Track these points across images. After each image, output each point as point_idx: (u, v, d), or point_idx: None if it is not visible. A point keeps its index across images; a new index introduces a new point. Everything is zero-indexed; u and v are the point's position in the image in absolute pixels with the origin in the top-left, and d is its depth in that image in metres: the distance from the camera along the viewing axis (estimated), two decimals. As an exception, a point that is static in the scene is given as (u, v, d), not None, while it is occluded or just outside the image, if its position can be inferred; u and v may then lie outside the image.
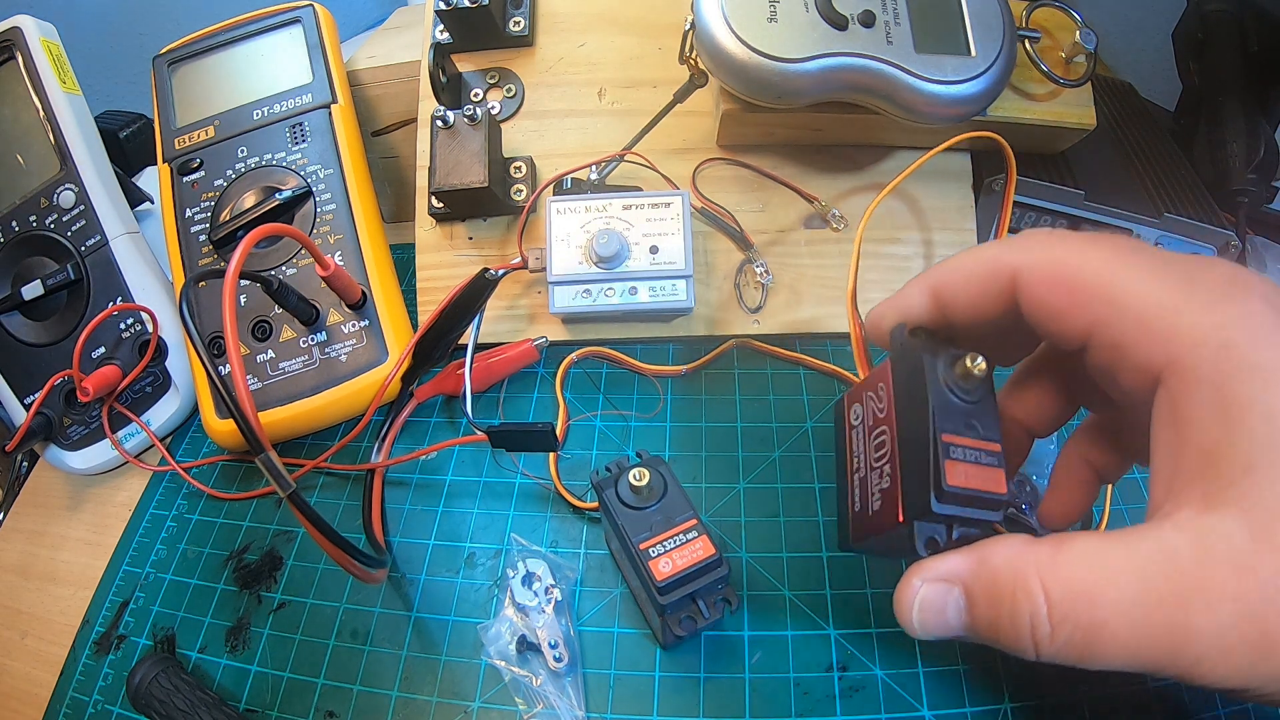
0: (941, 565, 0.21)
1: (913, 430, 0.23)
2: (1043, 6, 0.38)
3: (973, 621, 0.20)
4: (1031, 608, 0.18)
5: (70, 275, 0.40)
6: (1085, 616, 0.18)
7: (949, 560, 0.21)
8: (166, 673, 0.30)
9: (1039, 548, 0.19)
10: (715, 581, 0.27)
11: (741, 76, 0.34)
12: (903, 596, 0.21)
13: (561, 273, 0.37)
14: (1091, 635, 0.18)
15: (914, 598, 0.21)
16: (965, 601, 0.20)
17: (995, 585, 0.19)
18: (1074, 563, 0.18)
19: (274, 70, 0.44)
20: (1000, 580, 0.19)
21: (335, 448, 0.38)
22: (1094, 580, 0.18)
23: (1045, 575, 0.18)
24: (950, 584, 0.20)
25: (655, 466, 0.29)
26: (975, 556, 0.20)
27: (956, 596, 0.20)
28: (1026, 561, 0.19)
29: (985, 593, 0.19)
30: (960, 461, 0.21)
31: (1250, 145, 0.44)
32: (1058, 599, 0.18)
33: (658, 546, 0.27)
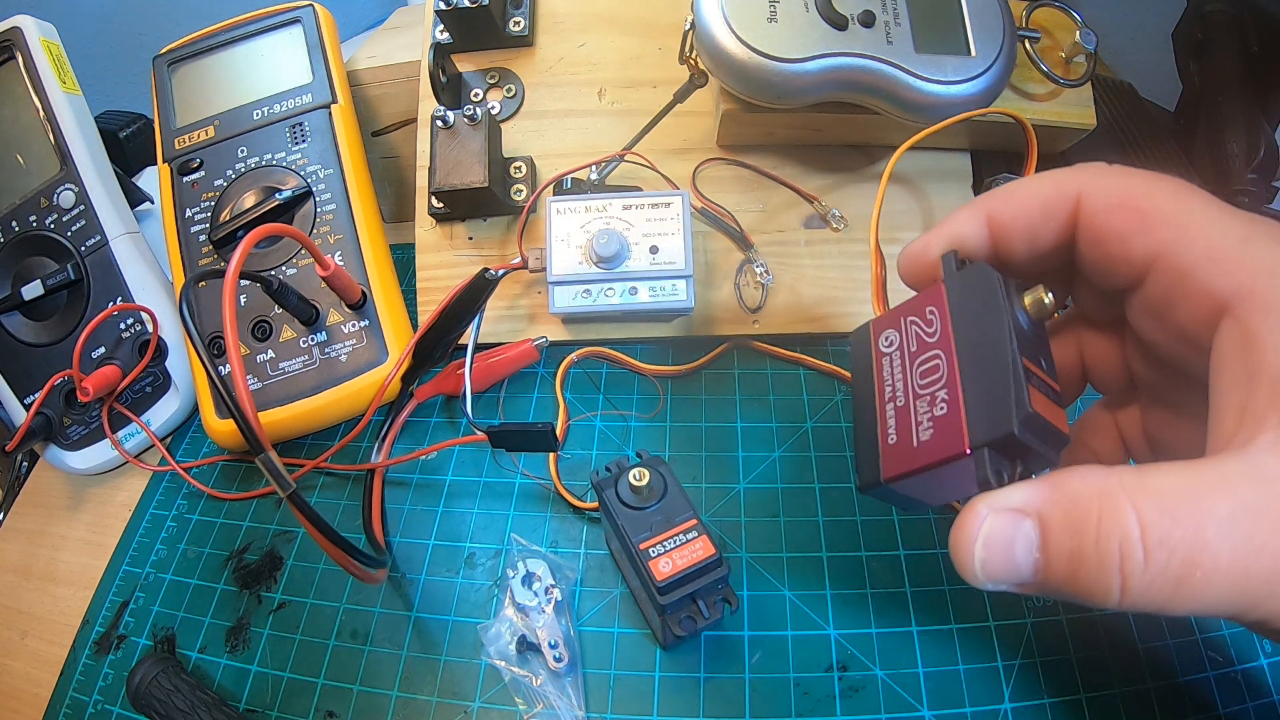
0: (1011, 495, 0.18)
1: (985, 353, 0.21)
2: (1043, 6, 0.38)
3: (1048, 559, 0.17)
4: (1122, 532, 0.16)
5: (70, 275, 0.40)
6: (1186, 538, 0.15)
7: (1019, 490, 0.18)
8: (166, 673, 0.30)
9: (1121, 471, 0.17)
10: (715, 581, 0.27)
11: (741, 76, 0.34)
12: (964, 531, 0.18)
13: (561, 273, 0.37)
14: (1191, 561, 0.15)
15: (978, 531, 0.18)
16: (1039, 535, 0.17)
17: (1076, 511, 0.17)
18: (1166, 482, 0.16)
19: (274, 70, 0.44)
20: (1082, 505, 0.17)
21: (335, 448, 0.38)
22: (1192, 499, 0.16)
23: (1135, 495, 0.16)
24: (1021, 514, 0.17)
25: (655, 466, 0.29)
26: (1048, 483, 0.17)
27: (1029, 529, 0.17)
28: (1111, 483, 0.16)
29: (1064, 520, 0.17)
30: (1037, 390, 0.20)
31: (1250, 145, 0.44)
32: (1153, 519, 0.16)
33: (658, 546, 0.27)
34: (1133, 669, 0.29)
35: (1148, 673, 0.29)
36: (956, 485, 0.20)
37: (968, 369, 0.21)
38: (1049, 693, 0.29)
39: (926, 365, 0.23)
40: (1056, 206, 0.21)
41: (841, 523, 0.34)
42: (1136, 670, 0.29)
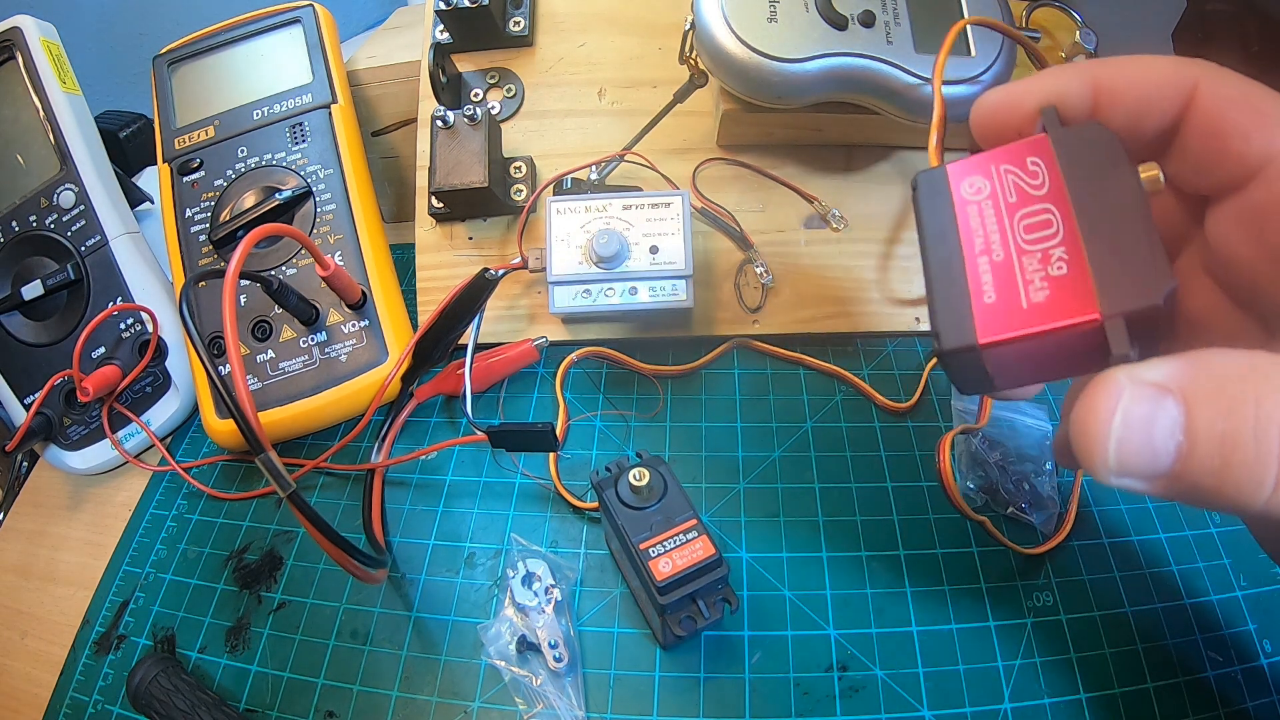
0: (1151, 370, 0.15)
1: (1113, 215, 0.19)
2: (1043, 6, 0.38)
3: (1194, 444, 0.15)
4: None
5: (70, 275, 0.40)
6: None
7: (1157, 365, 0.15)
8: (166, 673, 0.30)
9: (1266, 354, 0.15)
10: (715, 581, 0.27)
11: (741, 76, 0.34)
12: (1098, 408, 0.15)
13: (561, 273, 0.37)
14: None
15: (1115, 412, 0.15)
16: (1185, 416, 0.15)
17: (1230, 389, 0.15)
18: None
19: (274, 70, 0.44)
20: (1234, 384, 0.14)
21: (335, 448, 0.38)
22: None
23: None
24: (1165, 390, 0.15)
25: (655, 466, 0.29)
26: (1192, 360, 0.15)
27: (1172, 409, 0.15)
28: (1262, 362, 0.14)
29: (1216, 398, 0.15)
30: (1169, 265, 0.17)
31: (1250, 145, 0.44)
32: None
33: (658, 546, 0.27)
34: (1133, 669, 0.29)
35: (1148, 673, 0.29)
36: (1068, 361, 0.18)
37: (1092, 229, 0.19)
38: (1049, 693, 0.29)
39: (1034, 220, 0.20)
40: (1174, 87, 0.20)
41: (841, 523, 0.34)
42: (1136, 670, 0.29)
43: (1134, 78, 0.20)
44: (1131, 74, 0.21)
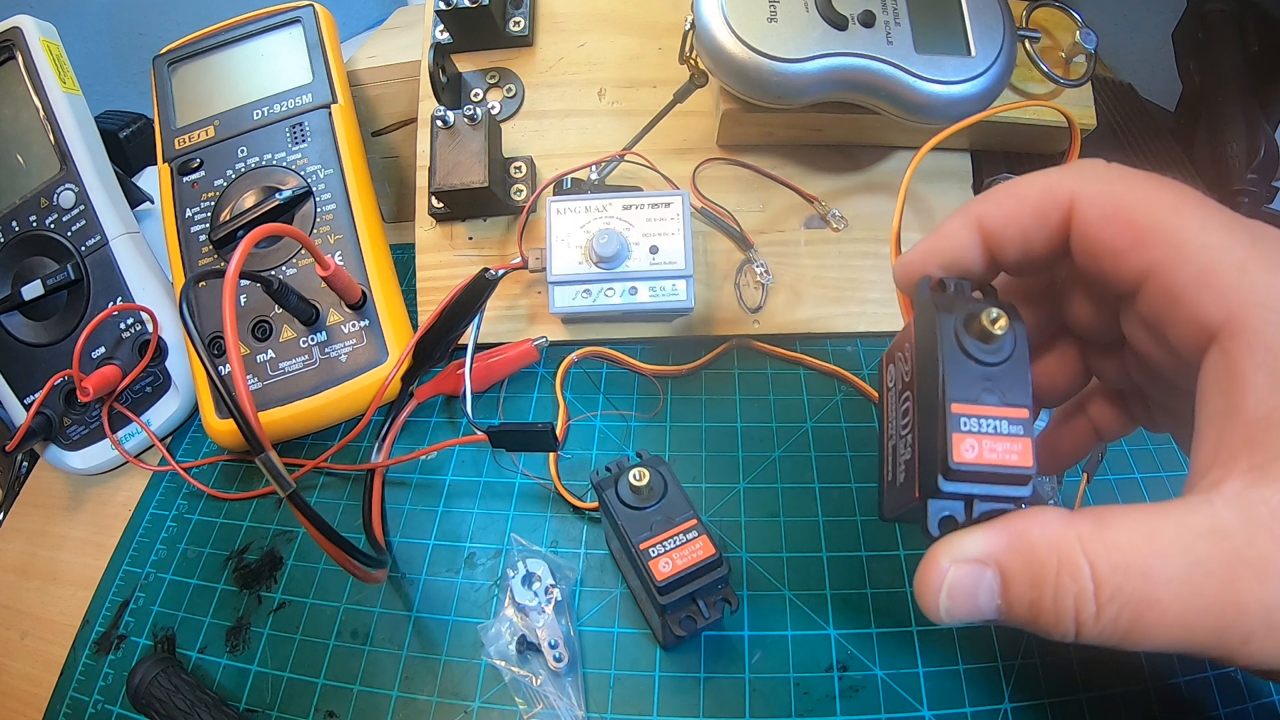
0: (971, 544, 0.18)
1: (927, 398, 0.21)
2: (1043, 6, 0.38)
3: (1008, 605, 0.18)
4: (1078, 587, 0.17)
5: (70, 275, 0.40)
6: (1136, 594, 0.16)
7: (979, 538, 0.18)
8: (166, 673, 0.30)
9: (1080, 521, 0.17)
10: (715, 581, 0.27)
11: (741, 76, 0.34)
12: (928, 580, 0.19)
13: (561, 273, 0.37)
14: (1140, 613, 0.16)
15: (941, 581, 0.18)
16: (1000, 584, 0.18)
17: (1036, 566, 0.17)
18: (1122, 537, 0.17)
19: (274, 70, 0.44)
20: (1041, 558, 0.17)
21: (335, 448, 0.38)
22: (1145, 555, 0.16)
23: (1091, 551, 0.17)
24: (983, 565, 0.18)
25: (655, 466, 0.29)
26: (1009, 532, 0.18)
27: (990, 579, 0.18)
28: (1068, 537, 0.17)
29: (1024, 573, 0.18)
30: (973, 434, 0.19)
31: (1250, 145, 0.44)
32: (1106, 576, 0.17)
33: (658, 546, 0.27)
34: (1133, 669, 0.29)
35: (1148, 673, 0.29)
36: None
37: (921, 413, 0.21)
38: (1049, 693, 0.29)
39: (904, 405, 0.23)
40: (1049, 213, 0.20)
41: (841, 523, 0.34)
42: (1136, 670, 0.29)
43: (1010, 213, 0.21)
44: (1008, 209, 0.21)
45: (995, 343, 0.20)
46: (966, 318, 0.20)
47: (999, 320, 0.20)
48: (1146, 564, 0.16)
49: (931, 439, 0.20)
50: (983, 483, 0.20)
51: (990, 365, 0.20)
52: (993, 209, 0.21)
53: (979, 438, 0.19)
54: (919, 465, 0.21)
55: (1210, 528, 0.16)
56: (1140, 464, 0.36)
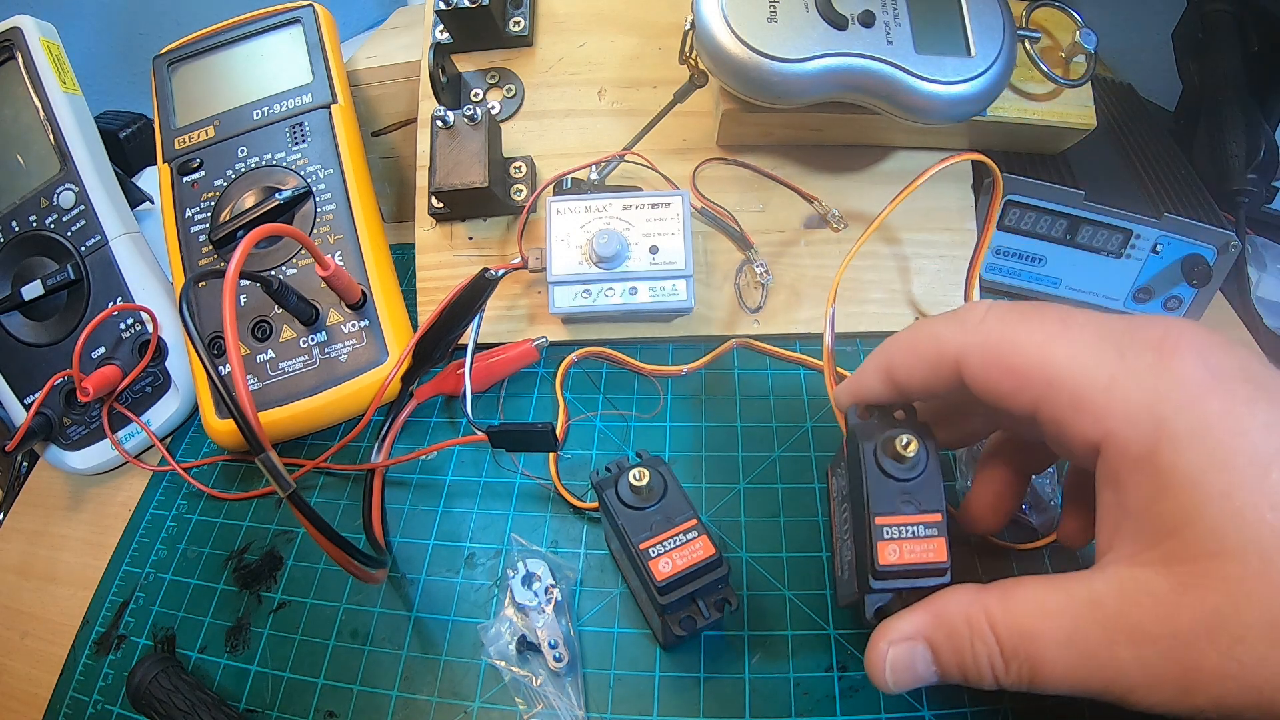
0: (903, 626, 0.23)
1: (858, 511, 0.26)
2: (1043, 6, 0.38)
3: (941, 670, 0.22)
4: (988, 651, 0.21)
5: (70, 275, 0.40)
6: (1030, 654, 0.20)
7: (909, 620, 0.23)
8: (166, 673, 0.30)
9: (988, 595, 0.22)
10: (715, 581, 0.27)
11: (741, 76, 0.34)
12: (873, 660, 0.23)
13: (561, 273, 0.37)
14: (1036, 669, 0.20)
15: (884, 660, 0.23)
16: (931, 654, 0.22)
17: (955, 636, 0.22)
18: (1018, 608, 0.21)
19: (274, 70, 0.44)
20: (958, 631, 0.22)
21: (335, 448, 0.38)
22: (1035, 624, 0.20)
23: (995, 621, 0.21)
24: (914, 642, 0.23)
25: (655, 466, 0.29)
26: (931, 611, 0.23)
27: (922, 651, 0.22)
28: (977, 611, 0.21)
29: (947, 644, 0.22)
30: (893, 540, 0.24)
31: (1250, 145, 0.44)
32: (1006, 641, 0.21)
33: (658, 546, 0.27)
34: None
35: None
36: None
37: (855, 522, 0.26)
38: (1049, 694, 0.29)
39: (844, 514, 0.28)
40: (941, 366, 0.24)
41: (841, 523, 0.34)
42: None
43: (909, 365, 0.25)
44: (908, 360, 0.25)
45: (908, 462, 0.25)
46: (883, 442, 0.25)
47: (910, 445, 0.24)
48: (1037, 629, 0.20)
49: (864, 546, 0.25)
50: (906, 578, 0.24)
51: (906, 481, 0.25)
52: (897, 359, 0.25)
53: (900, 543, 0.24)
54: (856, 567, 0.25)
55: (1091, 601, 0.20)
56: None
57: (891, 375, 0.25)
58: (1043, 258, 0.42)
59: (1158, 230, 0.40)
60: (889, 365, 0.25)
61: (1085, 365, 0.21)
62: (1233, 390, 0.19)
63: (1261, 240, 0.47)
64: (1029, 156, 0.41)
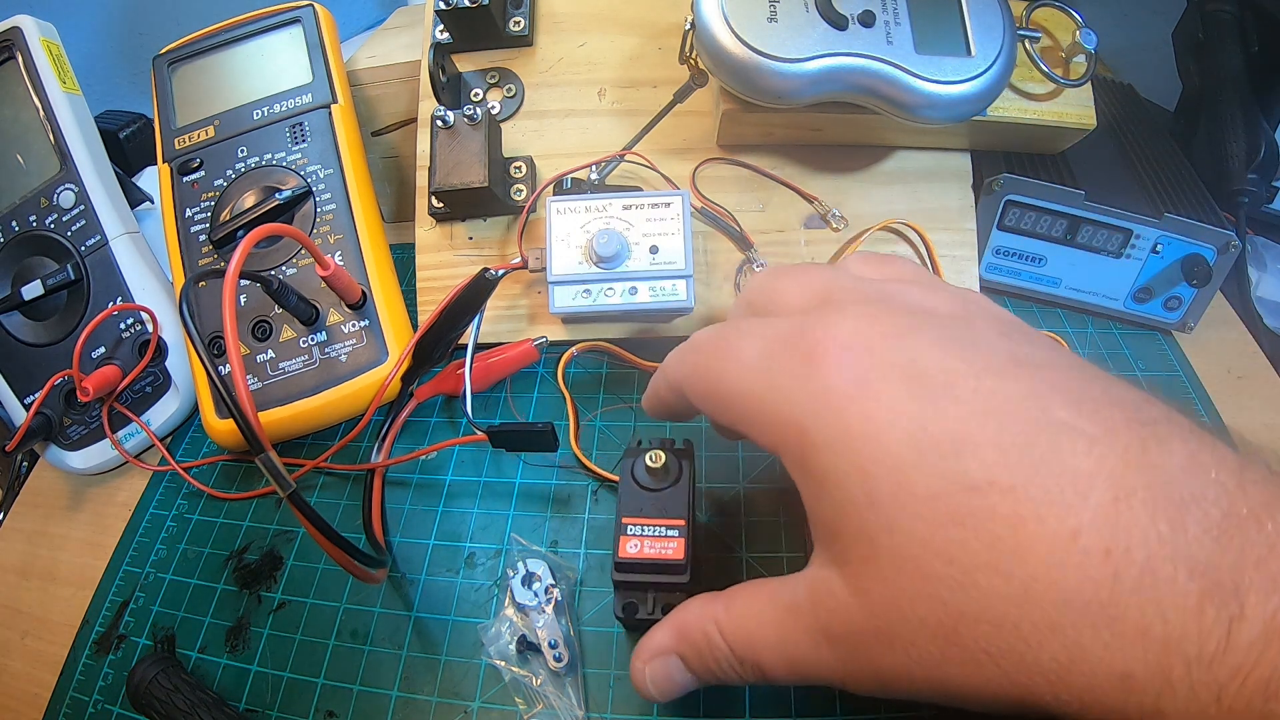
0: (653, 643, 0.24)
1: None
2: (1043, 6, 0.38)
3: (696, 675, 0.24)
4: (724, 657, 0.22)
5: (70, 275, 0.40)
6: (754, 659, 0.22)
7: (658, 636, 0.24)
8: (166, 673, 0.30)
9: (716, 605, 0.23)
10: (672, 585, 0.27)
11: (741, 76, 0.34)
12: (636, 679, 0.24)
13: (561, 273, 0.37)
14: (763, 671, 0.22)
15: (644, 678, 0.24)
16: (683, 664, 0.24)
17: (695, 646, 0.23)
18: (738, 616, 0.22)
19: (274, 70, 0.44)
20: (697, 641, 0.23)
21: (335, 448, 0.38)
22: (753, 630, 0.22)
23: (723, 629, 0.22)
24: (666, 655, 0.24)
25: (679, 457, 0.29)
26: (674, 625, 0.24)
27: (675, 663, 0.24)
28: (707, 620, 0.23)
29: (692, 654, 0.23)
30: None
31: (1250, 145, 0.44)
32: (735, 647, 0.22)
33: (636, 527, 0.28)
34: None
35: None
36: None
37: None
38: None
39: None
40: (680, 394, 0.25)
41: (841, 523, 0.34)
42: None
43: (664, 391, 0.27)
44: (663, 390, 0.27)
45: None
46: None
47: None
48: (755, 635, 0.22)
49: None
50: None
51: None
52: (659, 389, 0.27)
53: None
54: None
55: (791, 604, 0.21)
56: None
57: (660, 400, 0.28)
58: (1043, 258, 0.42)
59: (1158, 230, 0.40)
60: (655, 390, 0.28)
61: (746, 384, 0.22)
62: (878, 393, 0.19)
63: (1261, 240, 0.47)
64: (1029, 156, 0.41)
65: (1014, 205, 0.41)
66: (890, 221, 0.41)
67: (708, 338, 0.24)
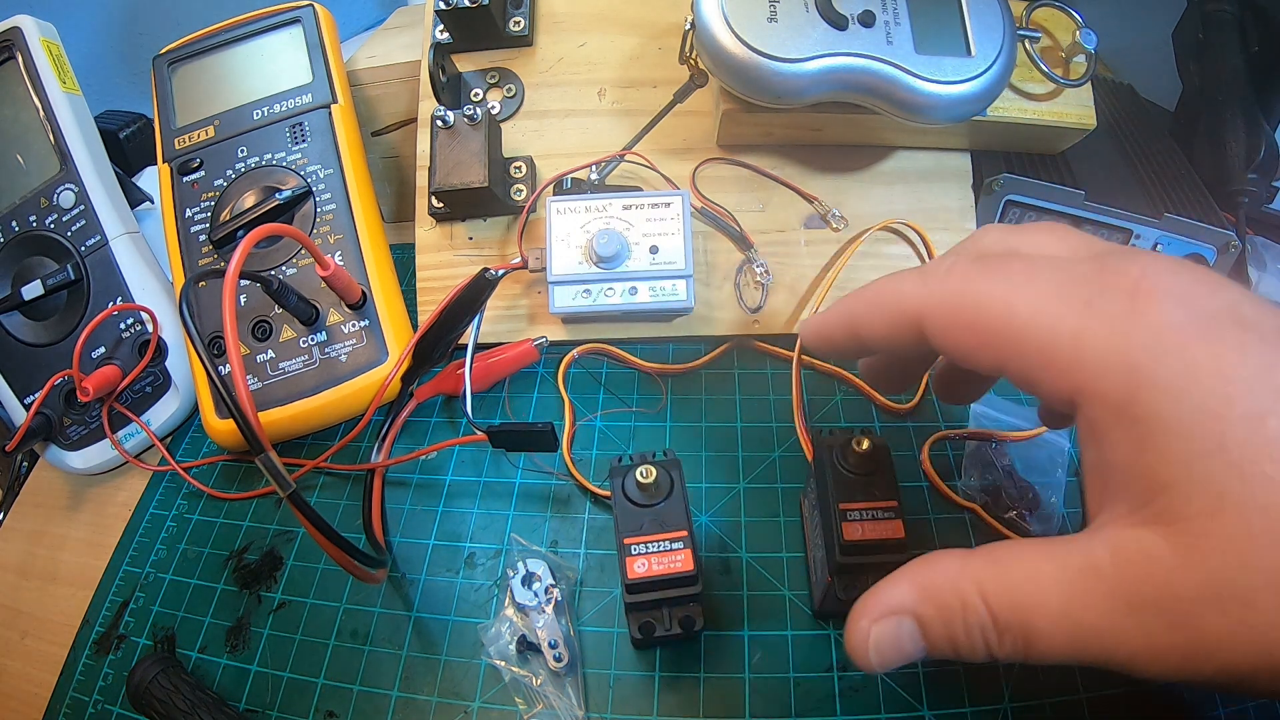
0: (886, 600, 0.21)
1: (824, 505, 0.28)
2: (1043, 6, 0.38)
3: (930, 645, 0.20)
4: (980, 624, 0.19)
5: (70, 275, 0.40)
6: (1024, 627, 0.19)
7: (892, 593, 0.21)
8: (166, 673, 0.30)
9: (975, 561, 0.20)
10: (686, 597, 0.27)
11: (741, 76, 0.34)
12: (855, 641, 0.21)
13: (561, 273, 0.37)
14: (1030, 642, 0.19)
15: (866, 640, 0.21)
16: (920, 629, 0.20)
17: (944, 610, 0.20)
18: (1011, 578, 0.19)
19: (274, 70, 0.44)
20: (947, 604, 0.20)
21: (335, 448, 0.38)
22: (1029, 594, 0.19)
23: (986, 591, 0.19)
24: (900, 616, 0.21)
25: (668, 469, 0.29)
26: (917, 584, 0.21)
27: (909, 626, 0.21)
28: (966, 579, 0.20)
29: (936, 618, 0.20)
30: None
31: (1250, 145, 0.44)
32: (999, 611, 0.19)
33: (640, 546, 0.27)
34: (1133, 669, 0.29)
35: (1148, 673, 0.29)
36: None
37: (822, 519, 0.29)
38: (1049, 693, 0.29)
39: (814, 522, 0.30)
40: (904, 324, 0.22)
41: (841, 523, 0.34)
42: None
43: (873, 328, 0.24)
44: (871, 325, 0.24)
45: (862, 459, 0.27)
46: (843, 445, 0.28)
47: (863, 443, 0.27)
48: (1032, 600, 0.19)
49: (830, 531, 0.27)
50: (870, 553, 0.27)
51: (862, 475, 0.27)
52: (860, 314, 0.24)
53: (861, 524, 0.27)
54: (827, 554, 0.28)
55: (1085, 566, 0.18)
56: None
57: (853, 327, 0.24)
58: (1043, 258, 0.42)
59: (1158, 230, 0.40)
60: (852, 317, 0.24)
61: (1050, 315, 0.19)
62: (1220, 334, 0.17)
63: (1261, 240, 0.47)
64: (1029, 156, 0.41)
65: (1014, 205, 0.41)
66: (890, 221, 0.41)
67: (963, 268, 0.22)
